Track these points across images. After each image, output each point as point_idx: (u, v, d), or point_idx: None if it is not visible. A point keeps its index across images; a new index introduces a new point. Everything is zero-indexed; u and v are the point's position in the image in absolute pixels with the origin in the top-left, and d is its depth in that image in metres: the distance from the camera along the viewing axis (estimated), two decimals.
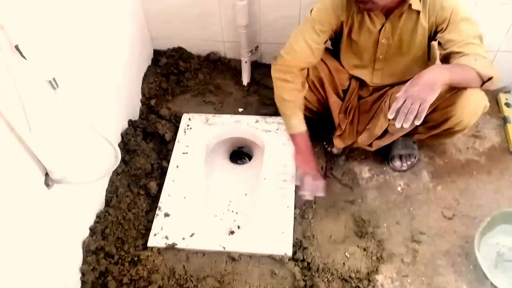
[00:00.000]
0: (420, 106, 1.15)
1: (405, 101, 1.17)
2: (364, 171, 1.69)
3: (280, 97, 1.47)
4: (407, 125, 1.17)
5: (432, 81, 1.16)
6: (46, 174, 1.17)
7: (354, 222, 1.55)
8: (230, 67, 2.04)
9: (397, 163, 1.67)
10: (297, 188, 1.57)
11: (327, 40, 1.45)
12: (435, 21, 1.32)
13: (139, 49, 1.90)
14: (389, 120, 1.22)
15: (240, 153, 1.89)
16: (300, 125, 1.50)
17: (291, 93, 1.45)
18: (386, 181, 1.66)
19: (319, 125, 1.70)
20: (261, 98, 1.92)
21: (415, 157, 1.68)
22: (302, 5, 1.79)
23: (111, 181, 1.59)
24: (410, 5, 1.29)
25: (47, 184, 1.18)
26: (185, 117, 1.82)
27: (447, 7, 1.28)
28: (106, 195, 1.56)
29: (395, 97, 1.21)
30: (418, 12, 1.31)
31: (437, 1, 1.29)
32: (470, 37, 1.26)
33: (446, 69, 1.21)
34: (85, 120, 1.19)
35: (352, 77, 1.59)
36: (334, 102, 1.59)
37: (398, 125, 1.18)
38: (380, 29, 1.38)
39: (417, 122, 1.17)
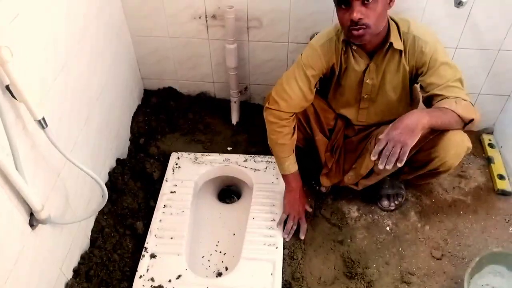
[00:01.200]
0: (401, 149, 1.18)
1: (387, 143, 1.20)
2: (352, 210, 1.70)
3: (274, 141, 1.50)
4: (389, 167, 1.20)
5: (412, 125, 1.20)
6: (31, 214, 1.15)
7: (344, 263, 1.53)
8: (219, 107, 2.07)
9: (385, 203, 1.68)
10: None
11: (317, 83, 1.49)
12: (415, 64, 1.37)
13: (130, 89, 1.93)
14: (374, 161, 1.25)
15: (228, 192, 1.88)
16: (292, 167, 1.55)
17: (285, 137, 1.49)
18: (375, 221, 1.66)
19: (308, 164, 1.72)
20: (250, 137, 1.94)
21: (402, 197, 1.70)
22: (289, 49, 1.85)
23: (97, 221, 1.56)
24: (392, 44, 1.34)
25: (31, 225, 1.15)
26: (173, 156, 1.82)
27: (426, 52, 1.33)
28: (91, 235, 1.53)
29: (378, 139, 1.24)
30: (401, 52, 1.36)
31: (417, 45, 1.35)
32: (451, 81, 1.31)
33: (426, 113, 1.24)
34: (72, 159, 1.18)
35: (338, 116, 1.63)
36: (320, 140, 1.61)
37: (381, 167, 1.21)
38: (365, 70, 1.43)
39: (399, 165, 1.19)
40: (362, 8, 1.22)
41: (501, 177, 1.77)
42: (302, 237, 1.56)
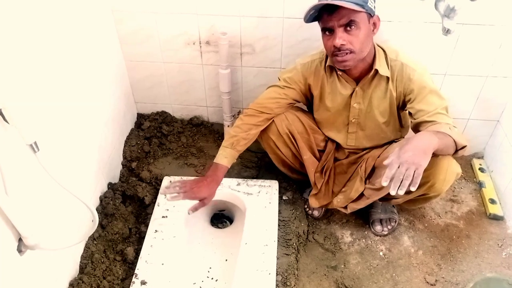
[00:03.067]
0: (415, 171, 1.12)
1: (398, 167, 1.13)
2: (345, 235, 1.69)
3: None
4: (402, 192, 1.12)
5: (424, 146, 1.16)
6: (20, 240, 1.13)
7: None
8: (212, 131, 2.08)
9: (378, 228, 1.68)
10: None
11: (294, 102, 1.55)
12: (402, 91, 1.40)
13: (123, 112, 1.93)
14: (382, 186, 1.16)
15: (221, 217, 1.86)
16: (221, 159, 1.50)
17: (234, 129, 1.52)
18: (368, 246, 1.65)
19: (300, 189, 1.72)
20: (243, 161, 1.94)
21: (395, 221, 1.69)
22: None
23: (87, 247, 1.53)
24: (377, 71, 1.37)
25: (19, 251, 1.13)
26: (165, 180, 1.81)
27: (414, 80, 1.36)
28: (80, 262, 1.50)
29: (384, 164, 1.17)
30: (388, 79, 1.39)
31: (405, 72, 1.37)
32: (439, 108, 1.32)
33: (434, 134, 1.21)
34: (63, 184, 1.17)
35: (328, 139, 1.64)
36: (308, 160, 1.61)
37: (393, 192, 1.12)
38: (351, 94, 1.45)
39: (413, 188, 1.12)
40: (344, 34, 1.26)
41: (492, 201, 1.78)
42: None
